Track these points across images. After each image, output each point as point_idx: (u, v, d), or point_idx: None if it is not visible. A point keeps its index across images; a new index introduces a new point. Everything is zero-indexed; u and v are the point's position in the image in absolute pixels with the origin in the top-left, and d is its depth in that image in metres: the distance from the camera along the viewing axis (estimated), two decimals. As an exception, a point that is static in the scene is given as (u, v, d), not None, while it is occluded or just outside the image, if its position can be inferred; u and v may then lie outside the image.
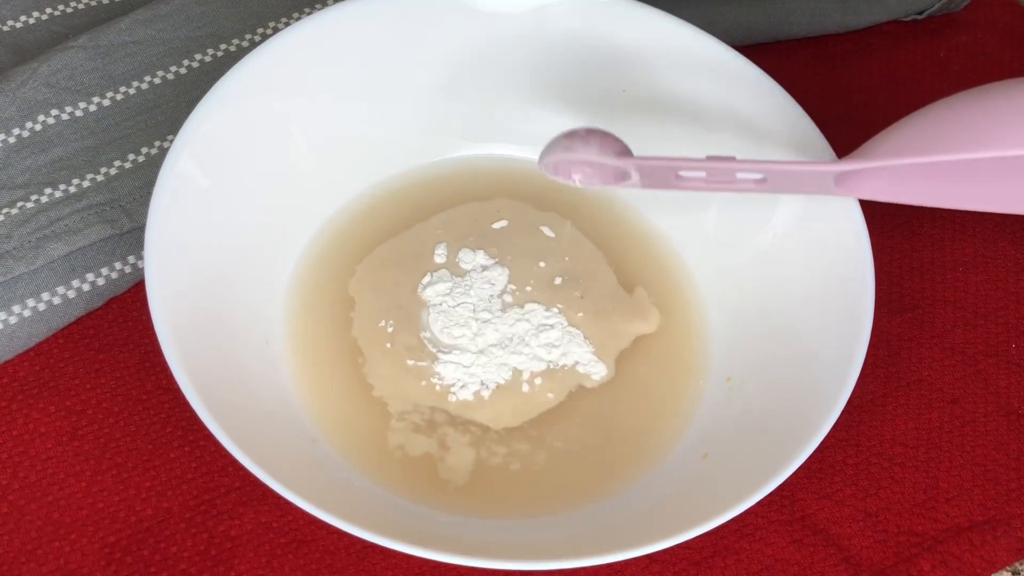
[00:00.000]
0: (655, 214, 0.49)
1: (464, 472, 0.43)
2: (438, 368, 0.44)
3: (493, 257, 0.47)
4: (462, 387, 0.44)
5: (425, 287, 0.46)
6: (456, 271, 0.47)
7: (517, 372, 0.44)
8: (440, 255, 0.47)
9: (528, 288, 0.46)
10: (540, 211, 0.49)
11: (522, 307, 0.46)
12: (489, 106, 0.50)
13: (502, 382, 0.44)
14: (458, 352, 0.44)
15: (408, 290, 0.46)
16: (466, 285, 0.46)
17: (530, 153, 0.51)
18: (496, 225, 0.49)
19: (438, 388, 0.44)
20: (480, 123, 0.50)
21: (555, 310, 0.46)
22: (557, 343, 0.45)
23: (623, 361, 0.46)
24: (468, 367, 0.44)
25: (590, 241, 0.48)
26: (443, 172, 0.50)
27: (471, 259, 0.47)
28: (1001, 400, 0.46)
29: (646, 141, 0.49)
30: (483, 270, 0.47)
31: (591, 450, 0.44)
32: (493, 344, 0.45)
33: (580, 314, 0.46)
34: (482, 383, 0.44)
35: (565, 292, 0.46)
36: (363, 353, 0.45)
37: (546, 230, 0.49)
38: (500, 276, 0.47)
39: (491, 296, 0.46)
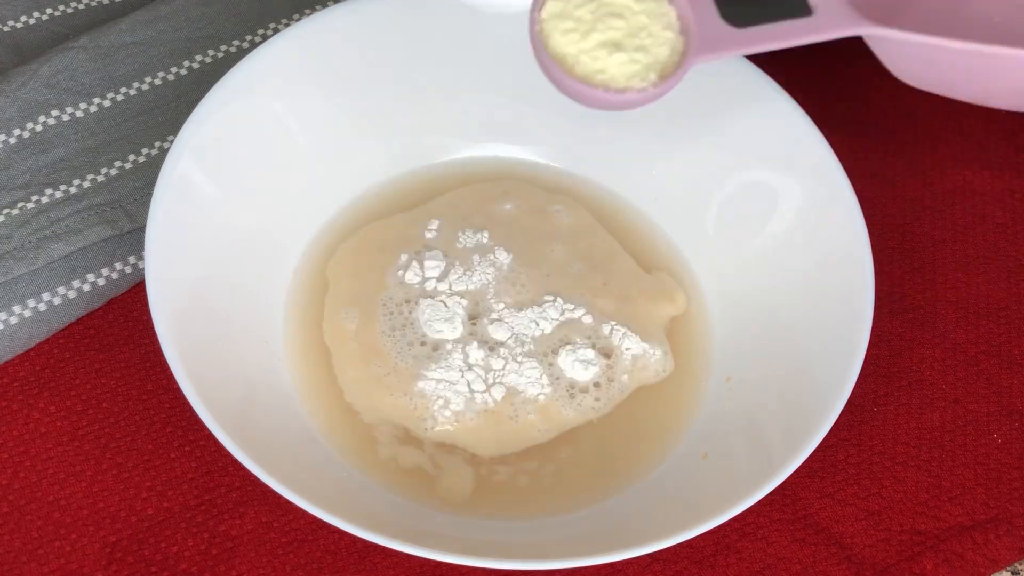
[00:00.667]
0: (657, 216, 0.49)
1: (464, 492, 0.42)
2: (419, 385, 0.42)
3: (498, 242, 0.45)
4: (442, 407, 0.42)
5: (405, 269, 0.44)
6: (452, 251, 0.45)
7: (513, 392, 0.43)
8: (432, 231, 0.45)
9: (546, 275, 0.45)
10: (551, 192, 0.48)
11: (540, 305, 0.44)
12: (489, 106, 0.50)
13: (492, 405, 0.42)
14: (441, 367, 0.42)
15: (380, 275, 0.44)
16: (463, 268, 0.43)
17: (530, 154, 0.51)
18: (505, 206, 0.47)
19: (413, 408, 0.42)
20: (480, 123, 0.50)
21: (580, 309, 0.44)
22: (594, 361, 0.43)
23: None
24: (454, 384, 0.42)
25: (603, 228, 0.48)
26: (444, 172, 0.50)
27: (471, 239, 0.45)
28: (1003, 399, 0.46)
29: (645, 141, 0.49)
30: (484, 253, 0.44)
31: (596, 456, 0.43)
32: (492, 348, 0.43)
33: (607, 302, 0.44)
34: (467, 401, 0.42)
35: (587, 281, 0.45)
36: (331, 352, 0.44)
37: (559, 209, 0.47)
38: (504, 259, 0.45)
39: (495, 282, 0.44)
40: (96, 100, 0.51)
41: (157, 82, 0.52)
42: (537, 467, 0.43)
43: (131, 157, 0.49)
